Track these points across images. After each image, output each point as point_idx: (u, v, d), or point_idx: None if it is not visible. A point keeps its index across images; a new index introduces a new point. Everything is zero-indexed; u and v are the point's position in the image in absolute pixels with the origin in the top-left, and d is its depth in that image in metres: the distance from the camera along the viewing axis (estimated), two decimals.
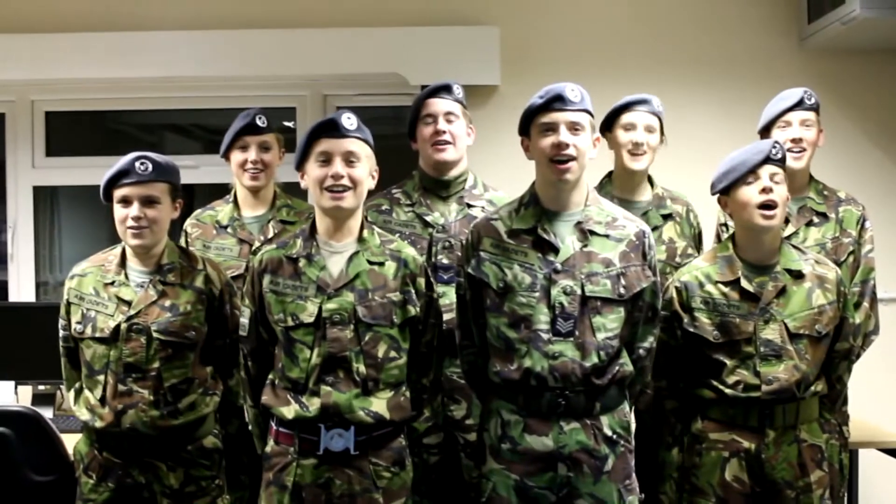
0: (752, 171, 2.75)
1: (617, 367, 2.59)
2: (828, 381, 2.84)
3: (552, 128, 2.57)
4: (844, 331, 2.85)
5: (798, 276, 2.78)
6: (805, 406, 2.77)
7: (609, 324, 2.58)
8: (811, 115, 3.30)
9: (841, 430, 3.04)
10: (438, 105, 3.16)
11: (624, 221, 2.68)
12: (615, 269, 2.60)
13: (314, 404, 2.55)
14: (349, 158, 2.59)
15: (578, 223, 2.62)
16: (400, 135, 3.47)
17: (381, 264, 2.64)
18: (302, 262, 2.63)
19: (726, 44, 4.47)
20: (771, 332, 2.73)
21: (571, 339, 2.55)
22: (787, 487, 2.73)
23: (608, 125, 3.30)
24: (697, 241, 3.38)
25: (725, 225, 3.39)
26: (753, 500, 2.74)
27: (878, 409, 3.87)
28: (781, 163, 2.78)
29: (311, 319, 2.57)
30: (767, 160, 2.75)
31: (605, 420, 2.59)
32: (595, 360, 2.55)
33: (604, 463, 2.58)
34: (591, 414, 2.58)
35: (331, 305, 2.58)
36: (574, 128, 2.57)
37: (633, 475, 2.65)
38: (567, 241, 2.60)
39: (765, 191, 2.73)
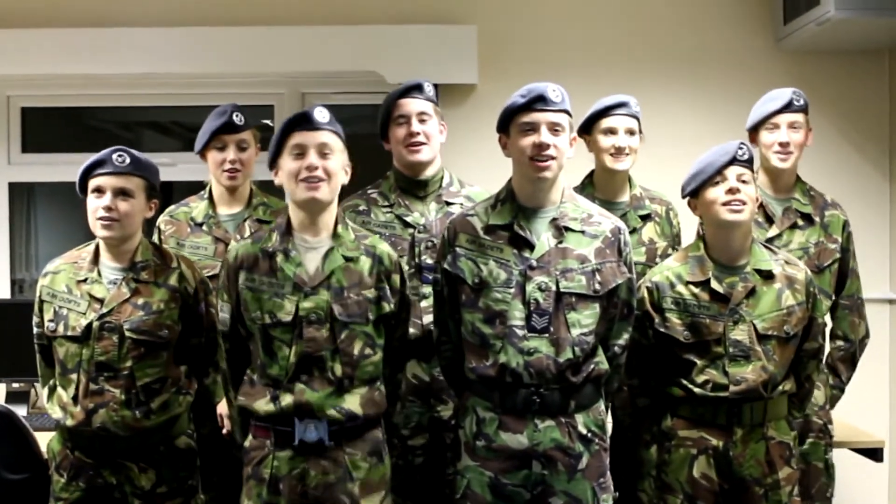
0: (719, 172, 2.77)
1: (592, 365, 2.61)
2: (797, 381, 2.86)
3: (533, 128, 2.58)
4: (813, 331, 2.87)
5: (768, 276, 2.80)
6: (773, 405, 2.79)
7: (584, 320, 2.59)
8: (799, 116, 3.29)
9: (826, 429, 3.05)
10: (411, 105, 3.13)
11: (599, 218, 2.69)
12: (590, 266, 2.61)
13: (286, 400, 2.56)
14: (323, 150, 2.59)
15: (554, 220, 2.63)
16: (377, 134, 3.46)
17: (356, 260, 2.64)
18: (279, 258, 2.62)
19: (704, 43, 4.48)
20: (740, 333, 2.75)
21: (546, 335, 2.56)
22: (755, 484, 2.75)
23: (587, 128, 3.31)
24: (677, 242, 3.40)
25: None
26: (722, 497, 2.77)
27: (853, 410, 3.89)
28: (748, 163, 2.80)
29: (289, 318, 2.58)
30: (733, 161, 2.77)
31: (579, 418, 2.61)
32: (570, 356, 2.56)
33: (578, 461, 2.59)
34: (565, 412, 2.59)
35: (307, 304, 2.58)
36: (554, 128, 2.58)
37: (608, 473, 2.67)
38: (542, 237, 2.61)
39: (731, 191, 2.74)
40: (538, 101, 2.58)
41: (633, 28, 4.48)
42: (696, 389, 2.76)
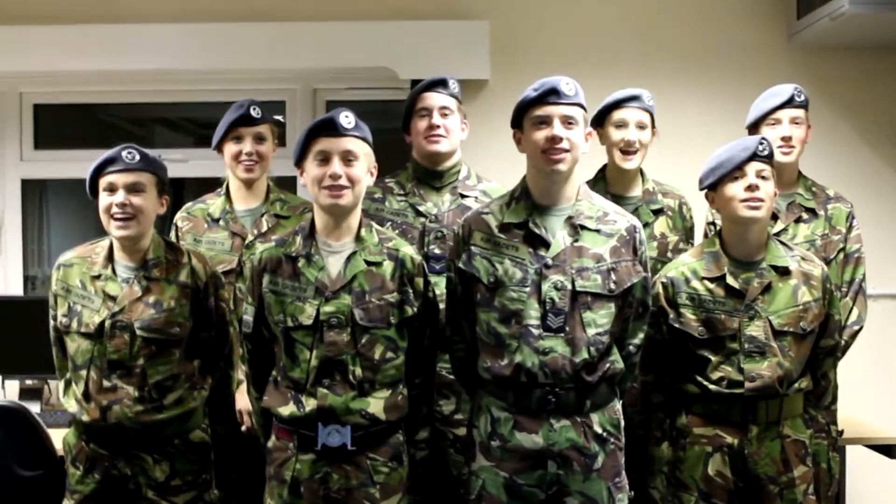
0: (739, 168, 2.75)
1: (607, 364, 2.59)
2: (813, 378, 2.85)
3: (546, 121, 2.56)
4: (830, 327, 2.85)
5: (784, 272, 2.79)
6: (788, 402, 2.78)
7: (599, 319, 2.57)
8: (801, 112, 3.30)
9: (829, 430, 3.04)
10: (434, 99, 3.18)
11: (615, 216, 2.67)
12: (606, 265, 2.59)
13: (310, 405, 2.58)
14: (347, 157, 2.59)
15: (569, 218, 2.62)
16: (390, 129, 3.46)
17: (379, 264, 2.65)
18: (301, 262, 2.64)
19: (716, 38, 4.46)
20: (755, 329, 2.74)
21: (562, 334, 2.54)
22: (770, 483, 2.74)
23: (599, 121, 3.30)
24: (690, 236, 3.39)
25: (713, 224, 3.39)
26: (736, 495, 2.75)
27: (866, 406, 3.88)
28: (768, 159, 2.78)
29: (310, 322, 2.59)
30: (754, 157, 2.76)
31: (595, 418, 2.59)
32: (585, 355, 2.55)
33: (594, 461, 2.58)
34: (581, 411, 2.58)
35: (328, 308, 2.59)
36: (568, 121, 2.56)
37: (623, 473, 2.66)
38: (558, 235, 2.60)
39: (750, 188, 2.73)
40: (551, 95, 2.57)
41: (645, 23, 4.47)
42: (711, 386, 2.74)
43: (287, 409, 2.60)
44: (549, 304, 2.55)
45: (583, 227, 2.61)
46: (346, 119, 2.62)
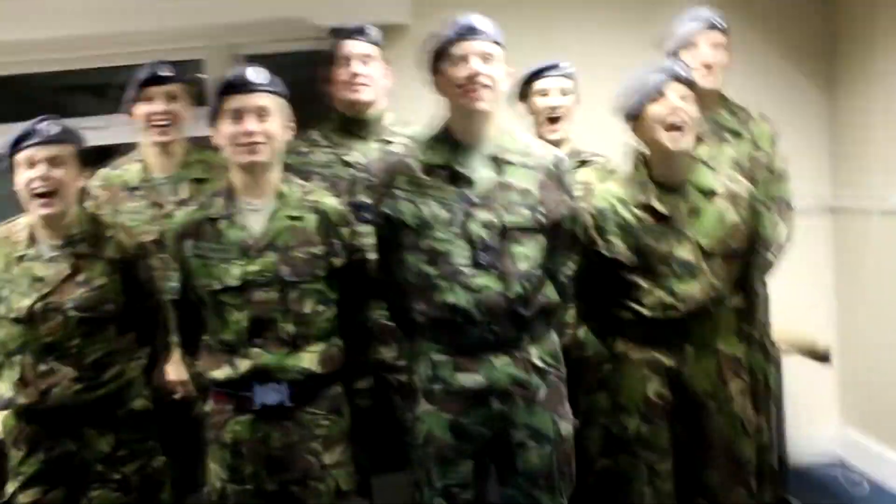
0: (659, 91, 2.74)
1: (541, 297, 2.61)
2: (744, 294, 2.89)
3: (464, 58, 2.54)
4: (758, 245, 2.91)
5: (710, 193, 2.81)
6: (721, 320, 2.82)
7: (530, 253, 2.58)
8: (720, 35, 3.31)
9: (763, 343, 3.11)
10: (353, 47, 3.15)
11: (539, 150, 2.67)
12: (533, 198, 2.59)
13: (244, 365, 2.57)
14: (261, 113, 2.56)
15: (493, 155, 2.60)
16: (311, 79, 3.42)
17: (302, 219, 2.63)
18: (223, 223, 2.61)
19: None
20: (685, 252, 2.76)
21: (493, 271, 2.54)
22: (709, 399, 2.79)
23: (523, 95, 3.32)
24: None
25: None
26: (676, 414, 2.81)
27: (797, 317, 3.96)
28: (688, 82, 2.78)
29: (237, 282, 2.57)
30: (673, 79, 2.76)
31: (533, 350, 2.61)
32: (519, 290, 2.55)
33: (536, 393, 2.60)
34: (519, 346, 2.59)
35: (254, 267, 2.58)
36: (486, 58, 2.54)
37: (566, 402, 2.68)
38: (482, 173, 2.59)
39: (673, 111, 2.73)
40: (467, 32, 2.55)
41: None
42: (645, 311, 2.77)
43: (222, 372, 2.59)
44: (478, 242, 2.54)
45: (507, 163, 2.60)
46: (257, 74, 2.58)
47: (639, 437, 2.80)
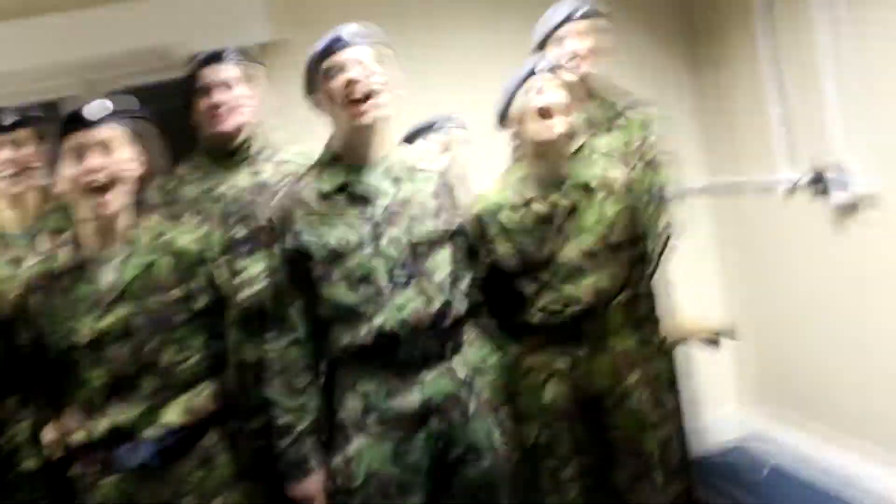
0: (523, 83, 2.74)
1: (456, 306, 2.56)
2: (631, 287, 2.88)
3: (340, 67, 2.47)
4: (640, 235, 2.91)
5: (589, 188, 2.80)
6: (611, 316, 2.81)
7: (441, 264, 2.54)
8: (585, 24, 3.30)
9: (654, 336, 3.10)
10: (213, 75, 3.04)
11: (427, 162, 2.65)
12: (432, 210, 2.55)
13: (103, 425, 2.43)
14: (104, 148, 2.41)
15: (387, 170, 2.55)
16: (174, 110, 3.32)
17: (155, 263, 2.49)
18: (71, 276, 2.46)
19: None
20: (569, 252, 2.75)
21: (411, 286, 2.49)
22: (607, 396, 2.78)
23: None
24: None
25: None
26: (577, 416, 2.78)
27: (690, 304, 4.01)
28: (551, 72, 2.77)
29: (88, 339, 2.42)
30: (534, 72, 2.75)
31: (457, 362, 2.56)
32: (438, 302, 2.51)
33: (468, 406, 2.56)
34: (444, 358, 2.54)
35: (105, 322, 2.43)
36: (364, 64, 2.48)
37: (499, 410, 2.65)
38: (381, 189, 2.53)
39: (540, 97, 2.71)
40: (336, 43, 2.49)
41: None
42: (535, 318, 2.75)
43: (81, 434, 2.45)
44: (391, 259, 2.49)
45: (402, 178, 2.56)
46: (97, 107, 2.43)
47: (539, 444, 2.77)
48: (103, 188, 2.39)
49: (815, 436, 4.21)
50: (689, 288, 4.10)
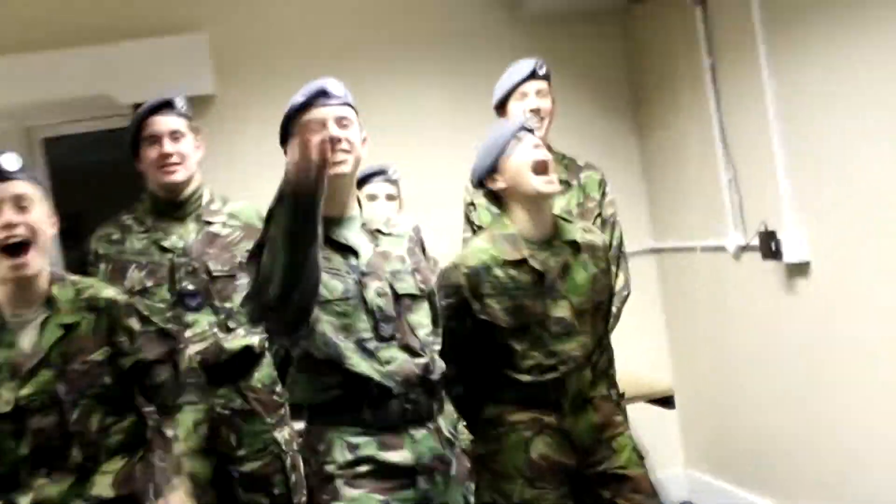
0: (514, 138, 2.71)
1: (438, 363, 2.47)
2: (603, 345, 2.86)
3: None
4: (610, 295, 2.90)
5: (576, 247, 2.76)
6: (592, 372, 2.77)
7: (423, 320, 2.46)
8: (545, 84, 3.35)
9: (611, 394, 3.07)
10: (161, 124, 2.95)
11: (397, 220, 2.58)
12: (409, 266, 2.48)
13: (26, 501, 2.28)
14: (20, 204, 2.30)
15: (363, 224, 2.47)
16: (116, 160, 3.23)
17: (77, 324, 2.37)
18: None
19: (443, 25, 4.49)
20: (561, 310, 2.70)
21: (395, 341, 2.38)
22: (598, 444, 2.72)
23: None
24: None
25: (473, 204, 3.38)
26: (567, 472, 2.70)
27: (638, 363, 3.99)
28: (532, 132, 2.77)
29: (9, 409, 2.29)
30: (522, 129, 2.74)
31: (441, 421, 2.46)
32: (423, 357, 2.41)
33: (450, 467, 2.45)
34: (432, 417, 2.44)
35: (27, 390, 2.31)
36: (342, 122, 2.40)
37: (472, 474, 2.58)
38: (362, 241, 2.44)
39: (535, 151, 2.69)
40: (319, 96, 2.41)
41: (369, 20, 4.41)
42: (523, 376, 2.68)
43: None
44: (377, 312, 2.38)
45: (378, 232, 2.48)
46: (10, 161, 2.32)
47: (523, 502, 2.67)
48: (22, 247, 2.28)
49: (764, 497, 4.19)
50: (634, 347, 4.10)
